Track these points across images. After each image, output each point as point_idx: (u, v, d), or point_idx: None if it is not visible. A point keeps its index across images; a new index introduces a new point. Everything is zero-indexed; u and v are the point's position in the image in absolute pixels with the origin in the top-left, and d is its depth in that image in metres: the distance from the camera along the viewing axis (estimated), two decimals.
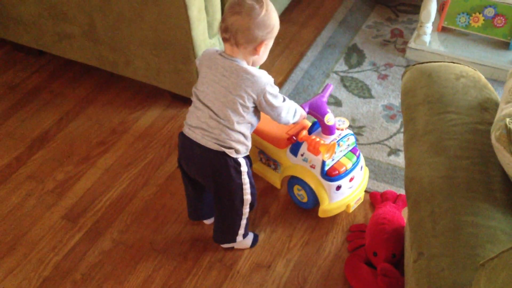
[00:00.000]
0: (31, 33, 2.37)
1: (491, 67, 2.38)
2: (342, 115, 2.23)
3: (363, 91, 2.36)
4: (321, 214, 1.78)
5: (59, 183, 2.00)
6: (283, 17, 2.75)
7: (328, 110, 1.71)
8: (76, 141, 2.16)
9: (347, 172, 1.74)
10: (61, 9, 2.17)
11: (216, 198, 1.64)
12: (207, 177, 1.58)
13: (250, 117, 1.53)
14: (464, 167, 1.15)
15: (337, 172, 1.71)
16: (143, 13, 2.00)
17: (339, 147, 1.72)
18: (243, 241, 1.76)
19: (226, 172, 1.55)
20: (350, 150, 1.78)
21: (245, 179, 1.59)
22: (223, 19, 1.47)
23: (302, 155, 1.74)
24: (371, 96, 2.33)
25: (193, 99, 1.56)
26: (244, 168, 1.57)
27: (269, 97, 1.50)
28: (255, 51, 1.48)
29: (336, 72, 2.46)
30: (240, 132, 1.52)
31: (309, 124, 1.80)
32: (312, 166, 1.73)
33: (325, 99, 1.73)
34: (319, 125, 1.75)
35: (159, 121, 2.25)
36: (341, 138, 1.72)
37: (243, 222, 1.69)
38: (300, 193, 1.83)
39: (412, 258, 1.11)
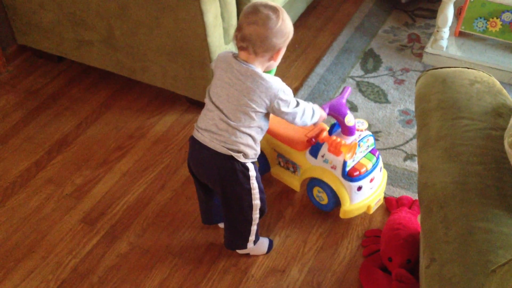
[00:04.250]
0: (51, 39, 2.41)
1: (509, 72, 2.36)
2: None
3: (379, 96, 2.36)
4: (342, 215, 1.78)
5: (78, 187, 2.03)
6: (300, 22, 2.76)
7: (348, 111, 1.71)
8: (94, 145, 2.20)
9: (367, 173, 1.74)
10: (80, 16, 2.21)
11: (224, 203, 1.64)
12: (215, 181, 1.60)
13: (260, 121, 1.54)
14: (477, 173, 1.15)
15: (358, 172, 1.72)
16: (160, 20, 2.03)
17: (359, 147, 1.73)
18: (257, 247, 1.77)
19: (233, 176, 1.56)
20: (370, 151, 1.78)
21: (254, 184, 1.59)
22: (238, 28, 1.49)
23: (322, 156, 1.74)
24: (387, 101, 2.33)
25: (206, 100, 1.58)
26: (252, 172, 1.58)
27: (281, 104, 1.51)
28: (272, 58, 1.52)
29: (352, 77, 2.46)
30: (249, 135, 1.53)
31: (327, 127, 1.81)
32: (333, 167, 1.73)
33: (344, 100, 1.74)
34: (338, 127, 1.75)
35: (176, 126, 2.27)
36: (361, 139, 1.73)
37: (253, 228, 1.68)
38: (320, 195, 1.83)
39: (424, 263, 1.12)
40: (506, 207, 1.08)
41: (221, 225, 1.85)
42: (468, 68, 1.42)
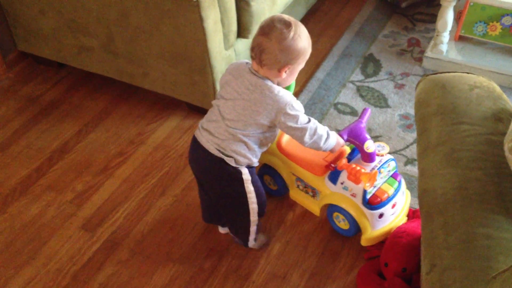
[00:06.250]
0: (51, 46, 2.42)
1: (509, 76, 2.35)
2: None
3: (380, 101, 2.36)
4: (364, 242, 1.73)
5: (78, 194, 2.03)
6: None
7: (368, 136, 1.66)
8: (95, 152, 2.20)
9: (389, 199, 1.68)
10: (80, 23, 2.22)
11: (220, 204, 1.66)
12: (209, 181, 1.62)
13: (261, 134, 1.54)
14: (477, 178, 1.14)
15: (379, 199, 1.66)
16: (160, 26, 2.03)
17: (380, 174, 1.66)
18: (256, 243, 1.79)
19: (225, 178, 1.57)
20: (391, 176, 1.72)
21: (249, 188, 1.59)
22: (253, 37, 1.50)
23: (342, 183, 1.69)
24: (387, 106, 2.33)
25: (213, 102, 1.59)
26: (246, 176, 1.57)
27: (287, 118, 1.50)
28: (278, 73, 1.48)
29: (352, 82, 2.46)
30: (245, 144, 1.53)
31: (347, 149, 1.74)
32: (353, 195, 1.67)
33: (363, 124, 1.68)
34: (357, 152, 1.70)
35: (176, 132, 2.27)
36: (381, 165, 1.67)
37: (253, 228, 1.69)
38: (340, 221, 1.78)
39: (424, 270, 1.11)
40: (507, 212, 1.08)
41: (221, 230, 1.85)
42: (468, 73, 1.42)
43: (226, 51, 2.13)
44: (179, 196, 2.01)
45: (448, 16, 2.34)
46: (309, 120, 1.55)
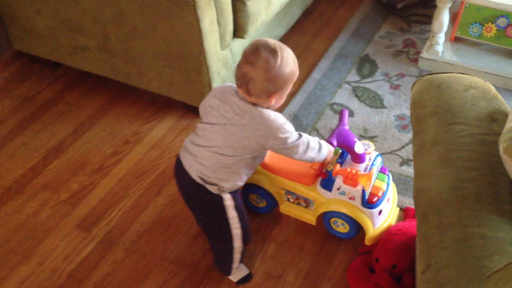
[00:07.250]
0: (47, 45, 2.41)
1: (504, 77, 2.36)
2: (354, 125, 2.24)
3: (375, 101, 2.36)
4: (368, 242, 1.73)
5: (73, 193, 2.03)
6: (296, 27, 2.77)
7: (355, 138, 1.67)
8: (90, 151, 2.19)
9: (384, 194, 1.70)
10: (76, 22, 2.21)
11: (203, 228, 1.63)
12: (191, 205, 1.59)
13: (251, 157, 1.50)
14: (472, 179, 1.15)
15: (376, 197, 1.67)
16: (156, 26, 2.03)
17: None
18: (236, 273, 1.73)
19: (206, 205, 1.53)
20: (380, 171, 1.74)
21: (231, 213, 1.54)
22: (238, 65, 1.44)
23: (338, 189, 1.68)
24: (383, 106, 2.34)
25: (198, 125, 1.53)
26: (228, 202, 1.52)
27: (278, 141, 1.46)
28: (268, 100, 1.44)
29: (348, 83, 2.46)
30: (232, 170, 1.49)
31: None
32: (351, 198, 1.68)
33: (347, 126, 1.69)
34: (346, 154, 1.71)
35: (172, 131, 2.27)
36: (372, 163, 1.69)
37: (236, 256, 1.64)
38: (339, 225, 1.78)
39: (420, 269, 1.12)
40: (501, 212, 1.08)
41: None
42: (463, 74, 1.43)
43: (222, 51, 2.14)
44: (174, 195, 2.00)
45: (443, 17, 2.34)
46: (300, 136, 1.51)
